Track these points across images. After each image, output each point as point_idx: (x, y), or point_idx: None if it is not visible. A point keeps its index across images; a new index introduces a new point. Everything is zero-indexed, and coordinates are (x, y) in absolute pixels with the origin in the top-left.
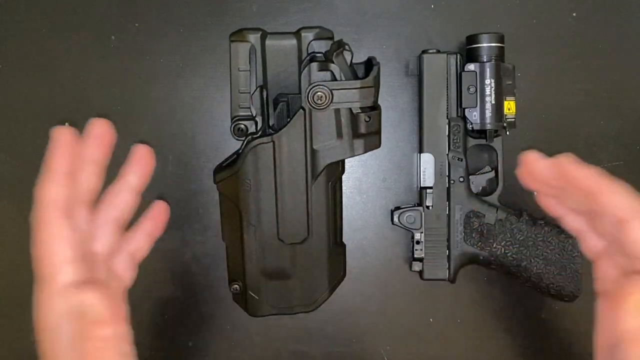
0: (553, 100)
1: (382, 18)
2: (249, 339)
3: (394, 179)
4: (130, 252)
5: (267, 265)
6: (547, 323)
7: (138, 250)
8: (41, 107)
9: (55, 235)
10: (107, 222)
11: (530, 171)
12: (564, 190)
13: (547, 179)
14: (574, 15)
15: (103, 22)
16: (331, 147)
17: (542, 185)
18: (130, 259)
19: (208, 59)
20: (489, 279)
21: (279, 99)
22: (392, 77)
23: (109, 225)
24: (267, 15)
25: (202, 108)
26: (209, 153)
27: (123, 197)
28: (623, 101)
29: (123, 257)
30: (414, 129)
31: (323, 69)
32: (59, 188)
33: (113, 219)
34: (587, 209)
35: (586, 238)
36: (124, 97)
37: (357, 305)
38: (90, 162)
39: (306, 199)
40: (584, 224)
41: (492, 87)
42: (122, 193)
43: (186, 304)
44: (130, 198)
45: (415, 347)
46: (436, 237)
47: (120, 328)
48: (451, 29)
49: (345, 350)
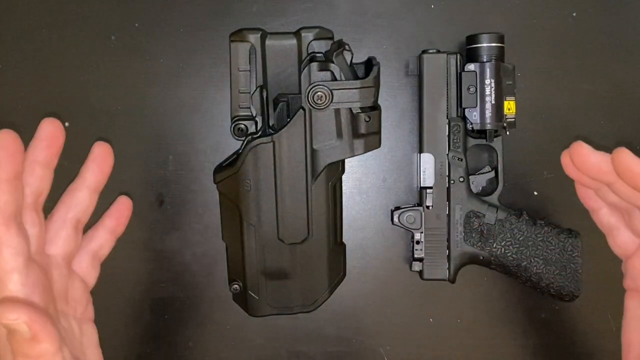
0: (553, 100)
1: (382, 18)
2: (249, 339)
3: (394, 179)
4: (92, 250)
5: (267, 265)
6: (547, 323)
7: (100, 248)
8: (41, 107)
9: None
10: (65, 223)
11: (582, 163)
12: (611, 184)
13: (599, 173)
14: (574, 15)
15: (103, 22)
16: (331, 147)
17: (587, 179)
18: (93, 257)
19: (208, 59)
20: (489, 279)
21: (279, 99)
22: (392, 77)
23: (66, 226)
24: (267, 15)
25: (202, 108)
26: (209, 153)
27: (81, 196)
28: (623, 101)
29: (85, 256)
30: (414, 129)
31: (323, 69)
32: (3, 196)
33: (70, 219)
34: (627, 206)
35: (619, 234)
36: (124, 97)
37: (357, 305)
38: (39, 164)
39: (306, 199)
40: (619, 220)
41: (492, 87)
42: (80, 192)
43: (186, 304)
44: (88, 197)
45: (415, 347)
46: (436, 237)
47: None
48: (451, 29)
49: (345, 350)
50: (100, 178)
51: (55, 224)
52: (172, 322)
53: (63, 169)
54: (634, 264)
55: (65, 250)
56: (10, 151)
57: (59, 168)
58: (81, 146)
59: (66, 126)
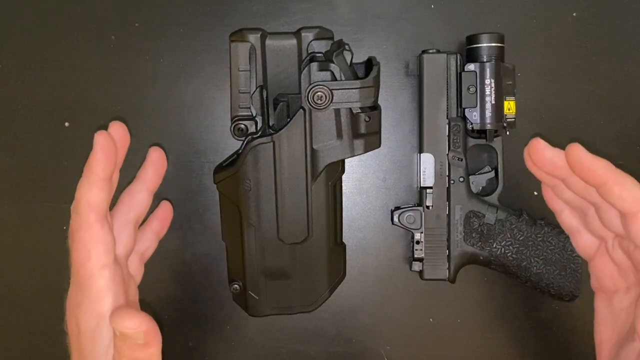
0: (553, 100)
1: (382, 18)
2: (249, 339)
3: (394, 179)
4: (140, 251)
5: (267, 265)
6: (547, 323)
7: (147, 249)
8: (41, 107)
9: (91, 239)
10: (127, 224)
11: (538, 159)
12: (565, 180)
13: (553, 167)
14: (574, 15)
15: (103, 22)
16: (331, 147)
17: (544, 174)
18: (140, 258)
19: (208, 59)
20: (489, 279)
21: (279, 99)
22: (392, 77)
23: (128, 227)
24: (267, 15)
25: (202, 108)
26: (209, 153)
27: (140, 198)
28: (623, 101)
29: (135, 256)
30: (414, 129)
31: (323, 69)
32: (100, 193)
33: (131, 221)
34: (582, 204)
35: (580, 237)
36: (124, 97)
37: (357, 305)
38: None
39: (306, 199)
40: (579, 223)
41: (492, 87)
42: (139, 194)
43: (186, 304)
44: (147, 199)
45: (415, 347)
46: (436, 237)
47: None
48: (451, 29)
49: (345, 350)
50: (157, 180)
51: (117, 224)
52: (172, 322)
53: (63, 168)
54: (596, 265)
55: (127, 250)
56: (109, 152)
57: (59, 167)
58: (81, 146)
59: (66, 126)
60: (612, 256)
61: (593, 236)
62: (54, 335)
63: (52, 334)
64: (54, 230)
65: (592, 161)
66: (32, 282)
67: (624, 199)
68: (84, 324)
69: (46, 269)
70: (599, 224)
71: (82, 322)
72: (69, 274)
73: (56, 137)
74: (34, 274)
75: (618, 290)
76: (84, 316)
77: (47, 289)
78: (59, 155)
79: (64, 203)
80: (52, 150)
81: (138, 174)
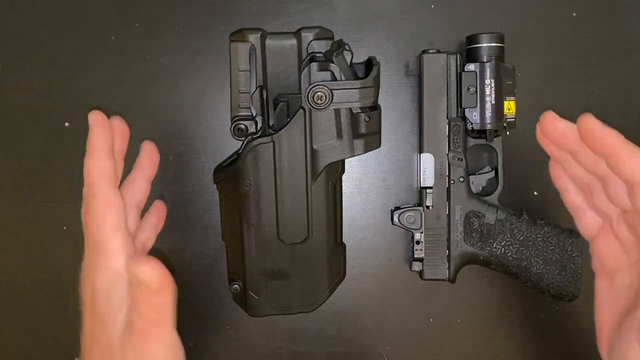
0: (553, 100)
1: (382, 18)
2: (249, 339)
3: (394, 179)
4: (142, 241)
5: (267, 265)
6: (547, 323)
7: (147, 239)
8: (41, 107)
9: (106, 204)
10: (131, 207)
11: (549, 131)
12: (574, 154)
13: (564, 139)
14: (574, 15)
15: (103, 22)
16: (331, 147)
17: (554, 148)
18: (142, 247)
19: (208, 59)
20: (489, 279)
21: (279, 99)
22: (392, 77)
23: (132, 209)
24: (267, 15)
25: (202, 108)
26: (209, 153)
27: (139, 184)
28: (623, 101)
29: (138, 244)
30: (414, 129)
31: (323, 69)
32: (104, 161)
33: (134, 205)
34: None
35: (584, 215)
36: (124, 97)
37: (357, 305)
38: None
39: (306, 199)
40: (584, 201)
41: (492, 87)
42: (138, 181)
43: (186, 304)
44: (145, 185)
45: (415, 347)
46: (436, 237)
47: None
48: (451, 29)
49: (345, 350)
50: (153, 168)
51: None
52: None
53: (63, 168)
54: (598, 245)
55: (133, 230)
56: (105, 126)
57: (59, 167)
58: (81, 146)
59: (66, 126)
60: (616, 233)
61: (597, 215)
62: (54, 335)
63: (53, 334)
64: (54, 230)
65: (604, 131)
66: (32, 282)
67: (632, 168)
68: (99, 283)
69: (46, 269)
70: (605, 200)
71: (97, 281)
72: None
73: (56, 137)
74: (34, 274)
75: (620, 269)
76: (99, 275)
77: (47, 289)
78: (59, 155)
79: (64, 203)
80: (52, 150)
81: (135, 165)
